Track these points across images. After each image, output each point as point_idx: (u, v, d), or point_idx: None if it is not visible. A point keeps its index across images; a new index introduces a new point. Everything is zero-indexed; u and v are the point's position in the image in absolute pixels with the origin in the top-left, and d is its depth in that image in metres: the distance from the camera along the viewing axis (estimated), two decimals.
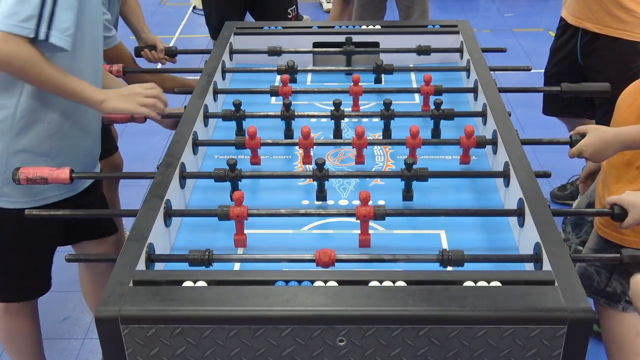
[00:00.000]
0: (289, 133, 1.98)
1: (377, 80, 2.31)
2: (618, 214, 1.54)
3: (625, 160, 1.87)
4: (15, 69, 1.69)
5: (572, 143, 1.81)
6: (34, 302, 2.15)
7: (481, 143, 1.82)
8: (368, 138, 1.84)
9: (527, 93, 3.11)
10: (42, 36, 1.66)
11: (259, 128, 1.86)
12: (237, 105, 1.99)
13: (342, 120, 1.98)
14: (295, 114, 1.98)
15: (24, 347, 2.19)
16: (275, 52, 2.38)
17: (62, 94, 1.77)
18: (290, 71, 2.26)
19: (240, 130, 1.99)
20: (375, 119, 2.06)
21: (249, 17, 3.51)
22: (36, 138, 1.82)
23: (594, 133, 1.77)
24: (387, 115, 1.95)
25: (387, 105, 1.96)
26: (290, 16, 3.42)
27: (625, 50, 2.70)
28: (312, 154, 1.85)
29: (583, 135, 1.80)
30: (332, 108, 1.96)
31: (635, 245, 1.83)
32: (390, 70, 2.26)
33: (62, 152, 1.87)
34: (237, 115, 1.97)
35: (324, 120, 2.07)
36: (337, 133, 1.98)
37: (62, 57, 1.76)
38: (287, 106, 1.98)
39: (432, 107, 1.98)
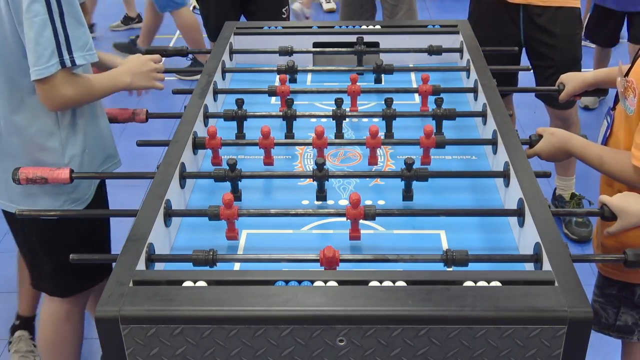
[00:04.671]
0: (290, 134, 1.98)
1: (377, 80, 2.31)
2: (608, 216, 1.54)
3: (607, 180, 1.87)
4: (77, 103, 1.83)
5: (531, 143, 1.86)
6: (84, 308, 2.17)
7: (440, 143, 1.81)
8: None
9: (527, 93, 3.12)
10: (68, 64, 1.72)
11: (257, 129, 1.86)
12: (240, 104, 1.99)
13: (344, 121, 1.99)
14: (297, 114, 1.98)
15: (67, 357, 2.18)
16: (286, 51, 2.38)
17: (104, 96, 1.93)
18: (290, 71, 2.26)
19: (240, 130, 1.99)
20: (376, 119, 2.06)
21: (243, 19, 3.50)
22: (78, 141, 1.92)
23: (548, 139, 1.83)
24: (389, 114, 1.95)
25: (389, 103, 1.96)
26: (284, 16, 3.40)
27: (567, 18, 2.81)
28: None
29: (538, 136, 1.85)
30: (334, 107, 1.97)
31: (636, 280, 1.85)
32: (390, 70, 2.26)
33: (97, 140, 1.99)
34: (238, 115, 1.97)
35: (324, 120, 2.07)
36: (339, 133, 1.98)
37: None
38: (288, 104, 1.98)
39: (434, 106, 1.98)
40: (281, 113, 1.99)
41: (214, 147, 1.83)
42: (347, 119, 2.04)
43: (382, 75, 2.30)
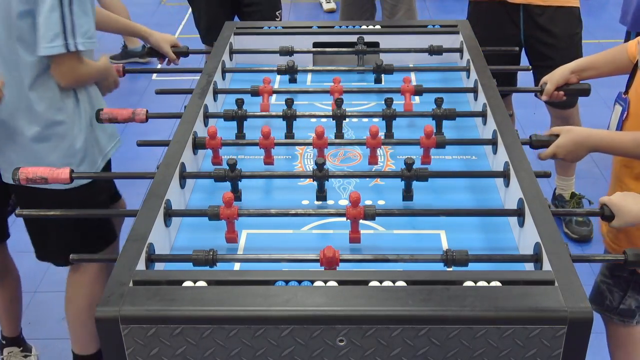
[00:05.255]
0: (289, 134, 1.98)
1: (377, 80, 2.31)
2: (608, 215, 1.54)
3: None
4: (86, 82, 2.06)
5: (531, 143, 1.82)
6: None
7: (440, 143, 1.81)
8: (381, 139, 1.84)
9: (527, 93, 3.12)
10: (72, 48, 1.91)
11: (257, 128, 1.86)
12: (240, 104, 1.99)
13: (344, 120, 1.99)
14: (297, 114, 1.98)
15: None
16: (286, 52, 2.38)
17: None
18: (290, 71, 2.26)
19: (240, 130, 1.99)
20: (376, 119, 2.06)
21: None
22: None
23: (567, 135, 1.79)
24: (389, 114, 1.95)
25: (389, 103, 1.96)
26: (277, 19, 3.39)
27: (568, 17, 2.83)
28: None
29: (553, 135, 1.82)
30: (334, 108, 1.96)
31: None
32: (390, 70, 2.26)
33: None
34: (238, 115, 1.97)
35: (324, 120, 2.07)
36: (339, 133, 1.98)
37: None
38: (288, 104, 1.98)
39: (434, 106, 1.98)
40: (281, 113, 1.98)
41: (214, 147, 1.84)
42: (347, 119, 2.04)
43: (382, 75, 2.30)
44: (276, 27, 2.55)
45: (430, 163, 1.83)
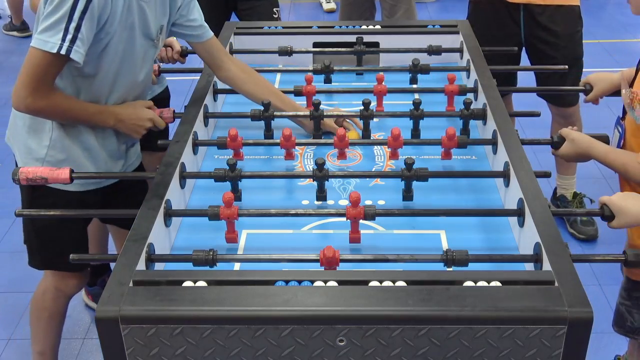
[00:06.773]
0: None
1: (413, 81, 2.28)
2: (608, 215, 1.54)
3: None
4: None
5: (554, 143, 1.86)
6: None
7: (462, 144, 1.82)
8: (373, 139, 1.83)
9: (527, 93, 3.12)
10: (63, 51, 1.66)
11: (250, 127, 1.85)
12: (267, 105, 1.97)
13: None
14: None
15: (51, 332, 2.21)
16: (285, 52, 2.38)
17: (77, 121, 1.87)
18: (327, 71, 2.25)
19: (268, 130, 1.99)
20: (376, 119, 2.06)
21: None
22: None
23: (569, 145, 1.84)
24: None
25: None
26: (276, 16, 3.37)
27: (568, 15, 2.83)
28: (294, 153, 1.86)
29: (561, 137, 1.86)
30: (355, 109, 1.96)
31: None
32: (426, 70, 2.25)
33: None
34: (265, 116, 1.96)
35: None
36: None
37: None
38: (316, 106, 1.96)
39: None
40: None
41: (236, 147, 1.84)
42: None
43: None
44: (276, 27, 2.55)
45: (451, 158, 1.84)
